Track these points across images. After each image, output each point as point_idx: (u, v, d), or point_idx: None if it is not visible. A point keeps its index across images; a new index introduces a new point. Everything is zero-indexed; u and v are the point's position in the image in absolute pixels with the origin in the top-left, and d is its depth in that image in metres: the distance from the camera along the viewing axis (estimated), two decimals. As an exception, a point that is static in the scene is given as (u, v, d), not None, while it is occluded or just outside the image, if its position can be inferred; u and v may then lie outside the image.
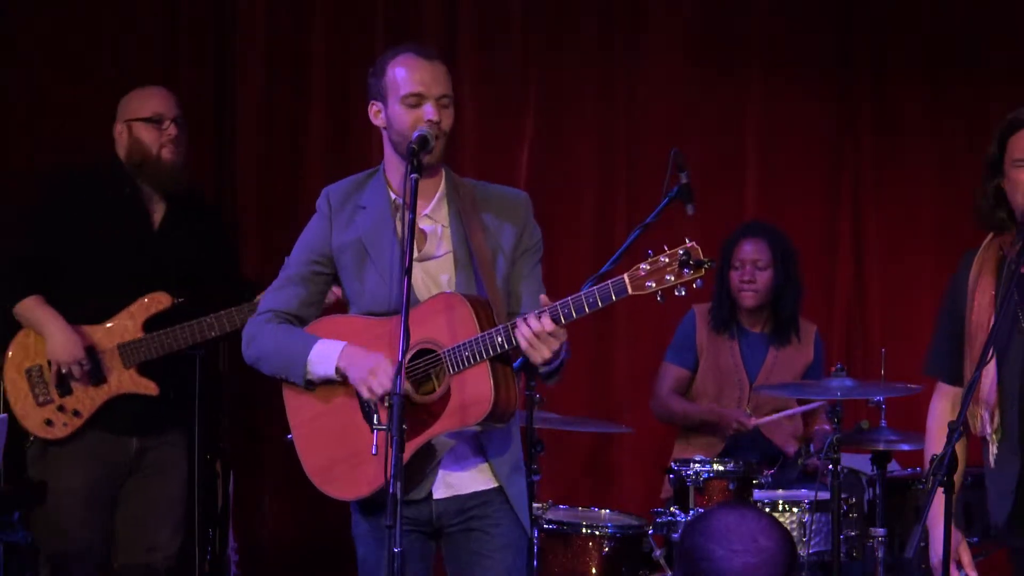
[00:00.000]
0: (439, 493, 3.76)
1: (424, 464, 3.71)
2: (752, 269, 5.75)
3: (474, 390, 3.61)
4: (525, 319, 3.55)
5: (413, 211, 3.56)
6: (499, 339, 3.58)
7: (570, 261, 6.34)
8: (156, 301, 4.95)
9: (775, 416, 5.69)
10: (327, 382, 3.76)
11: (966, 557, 3.67)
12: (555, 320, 3.53)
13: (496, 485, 3.78)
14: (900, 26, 6.68)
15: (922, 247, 6.65)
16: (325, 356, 3.73)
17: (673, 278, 3.41)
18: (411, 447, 3.62)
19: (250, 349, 3.87)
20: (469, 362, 3.60)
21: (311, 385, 3.78)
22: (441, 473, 3.75)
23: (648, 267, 3.44)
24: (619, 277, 3.47)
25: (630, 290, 3.46)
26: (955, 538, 3.58)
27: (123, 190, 5.00)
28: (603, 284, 3.49)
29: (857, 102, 6.70)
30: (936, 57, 6.66)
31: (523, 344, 3.55)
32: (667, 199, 4.59)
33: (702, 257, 3.40)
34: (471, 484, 3.78)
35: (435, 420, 3.64)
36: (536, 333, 3.53)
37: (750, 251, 5.76)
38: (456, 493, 3.77)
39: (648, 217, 4.58)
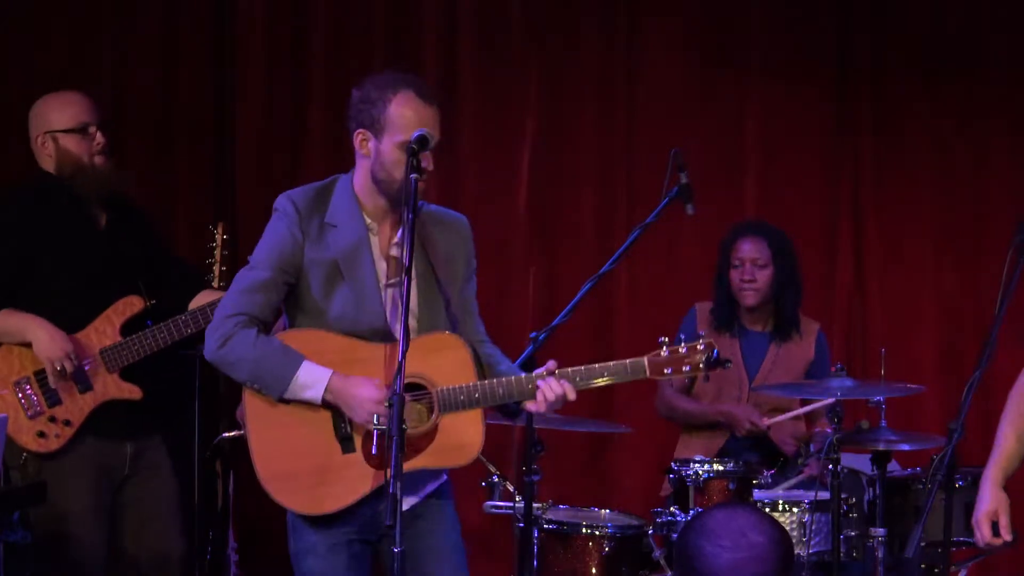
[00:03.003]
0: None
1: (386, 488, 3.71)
2: (752, 268, 5.73)
3: (463, 435, 3.68)
4: (548, 384, 3.73)
5: (413, 212, 3.57)
6: (500, 391, 3.67)
7: (570, 261, 6.34)
8: (130, 304, 4.86)
9: (787, 416, 5.68)
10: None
11: (1004, 519, 3.68)
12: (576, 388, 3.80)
13: (444, 480, 3.86)
14: (900, 26, 6.68)
15: (922, 247, 6.66)
16: (315, 380, 3.67)
17: (690, 369, 3.79)
18: (383, 476, 3.59)
19: (223, 349, 3.72)
20: (462, 406, 3.66)
21: (284, 400, 3.72)
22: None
23: (668, 354, 3.77)
24: (639, 360, 3.79)
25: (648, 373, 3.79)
26: (999, 498, 3.66)
27: (60, 200, 4.86)
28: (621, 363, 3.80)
29: (857, 102, 6.70)
30: (935, 57, 6.66)
31: (544, 402, 3.73)
32: (667, 199, 4.58)
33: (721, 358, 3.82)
34: (425, 490, 3.83)
35: (416, 454, 3.67)
36: (558, 398, 3.75)
37: (749, 250, 5.75)
38: (413, 502, 3.80)
39: (648, 217, 4.57)
